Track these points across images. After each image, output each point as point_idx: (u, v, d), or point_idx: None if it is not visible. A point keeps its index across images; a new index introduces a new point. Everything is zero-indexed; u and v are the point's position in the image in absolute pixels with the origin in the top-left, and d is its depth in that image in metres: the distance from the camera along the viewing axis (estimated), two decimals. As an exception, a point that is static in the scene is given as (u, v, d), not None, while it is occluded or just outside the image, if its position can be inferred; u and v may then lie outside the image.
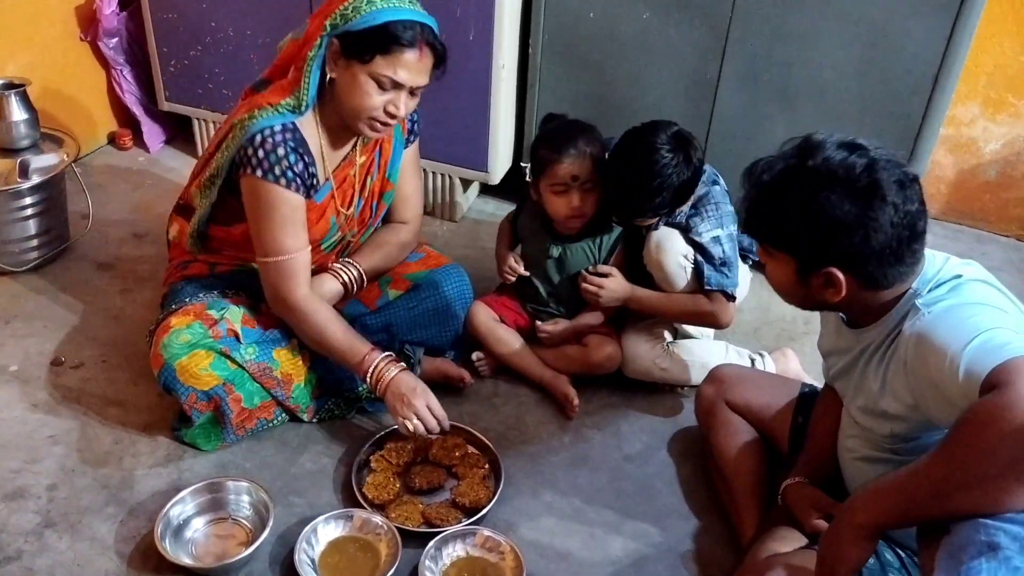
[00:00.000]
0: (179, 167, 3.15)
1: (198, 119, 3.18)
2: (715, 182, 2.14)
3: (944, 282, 1.39)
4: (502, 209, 2.37)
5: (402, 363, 1.96)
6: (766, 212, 1.43)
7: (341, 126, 1.93)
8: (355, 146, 2.01)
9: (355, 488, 1.90)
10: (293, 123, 1.86)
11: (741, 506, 1.84)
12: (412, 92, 1.84)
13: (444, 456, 2.00)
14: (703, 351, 2.24)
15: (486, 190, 3.12)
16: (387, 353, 1.95)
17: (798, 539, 1.65)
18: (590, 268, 2.18)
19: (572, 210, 2.11)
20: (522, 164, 2.18)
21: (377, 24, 1.74)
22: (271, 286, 1.94)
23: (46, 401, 2.13)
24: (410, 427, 1.91)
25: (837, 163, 1.35)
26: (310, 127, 1.91)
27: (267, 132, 1.83)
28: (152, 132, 3.29)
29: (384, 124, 1.85)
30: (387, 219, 2.20)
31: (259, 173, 1.83)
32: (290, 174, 1.84)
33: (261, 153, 1.82)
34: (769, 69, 2.40)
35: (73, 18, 3.04)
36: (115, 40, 3.09)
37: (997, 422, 1.13)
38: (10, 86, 2.53)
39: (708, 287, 2.08)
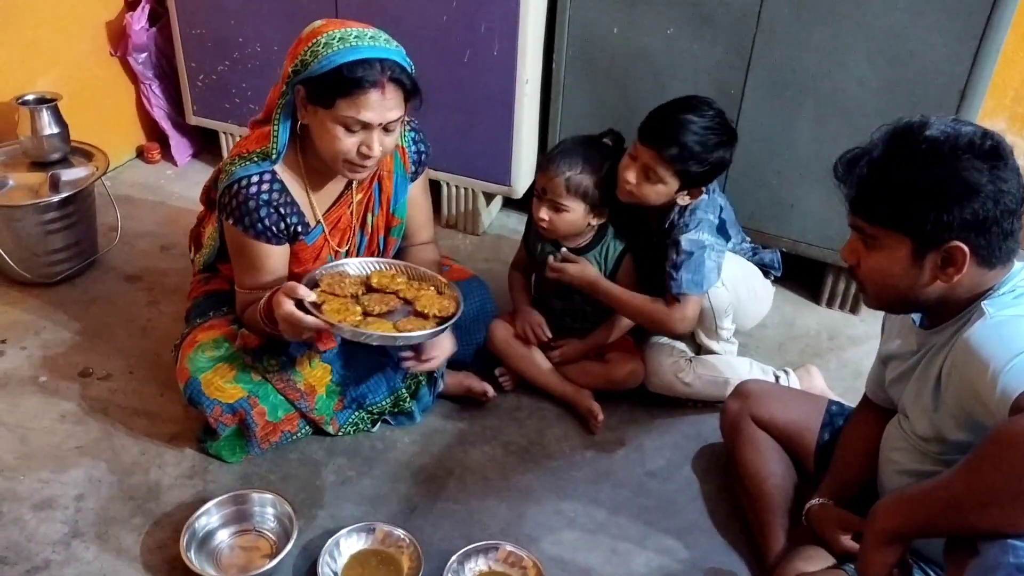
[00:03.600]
0: (205, 180, 3.18)
1: (225, 133, 3.22)
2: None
3: (1019, 289, 1.36)
4: (525, 224, 2.38)
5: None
6: (884, 189, 1.36)
7: (327, 169, 1.91)
8: (350, 185, 2.00)
9: (313, 313, 1.74)
10: (272, 171, 1.86)
11: (766, 524, 1.82)
12: (386, 128, 1.79)
13: (388, 283, 1.93)
14: (726, 367, 2.23)
15: (509, 204, 3.14)
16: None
17: (825, 558, 1.64)
18: (558, 254, 2.19)
19: (537, 219, 2.14)
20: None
21: (333, 68, 1.71)
22: (239, 313, 2.00)
23: (74, 412, 2.16)
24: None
25: (953, 131, 1.33)
26: (292, 173, 1.91)
27: (243, 183, 1.84)
28: (179, 146, 3.33)
29: (361, 165, 1.82)
30: (405, 241, 2.18)
31: (232, 221, 1.87)
32: (259, 227, 1.86)
33: (234, 203, 1.85)
34: (793, 85, 2.39)
35: (103, 34, 3.09)
36: (144, 55, 3.14)
37: (1019, 447, 1.12)
38: (42, 101, 2.58)
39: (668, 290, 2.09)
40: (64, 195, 2.50)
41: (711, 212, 2.10)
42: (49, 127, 2.57)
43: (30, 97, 2.59)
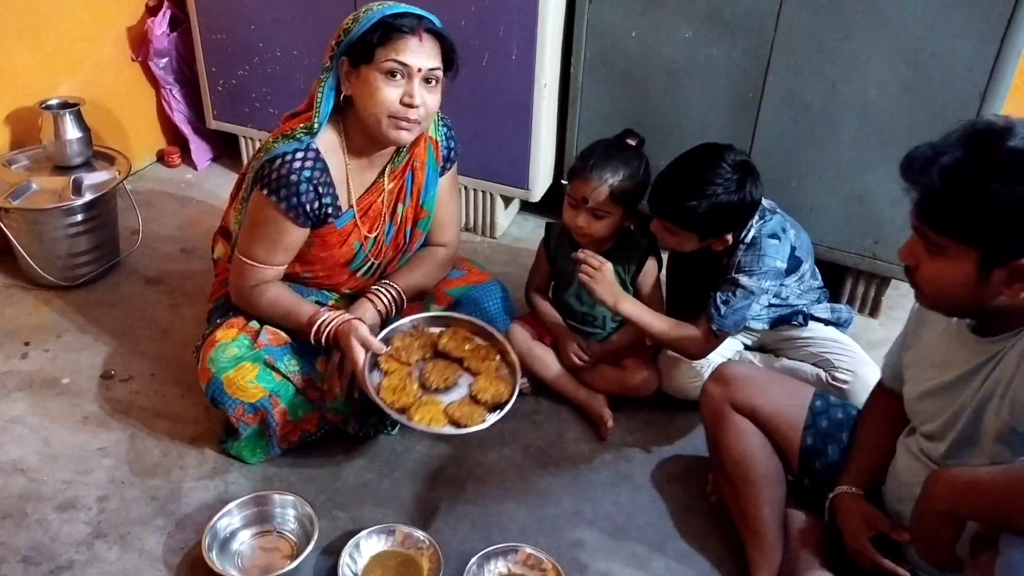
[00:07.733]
0: (226, 184, 3.20)
1: (245, 137, 3.24)
2: (774, 235, 2.04)
3: None
4: (543, 227, 2.38)
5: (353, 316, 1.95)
6: (957, 201, 1.27)
7: (368, 149, 1.94)
8: (383, 172, 2.03)
9: (372, 393, 1.82)
10: (315, 149, 1.88)
11: (755, 518, 1.77)
12: (427, 82, 1.83)
13: (455, 348, 1.95)
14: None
15: (526, 207, 3.14)
16: (338, 312, 1.95)
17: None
18: (582, 253, 2.12)
19: (576, 227, 2.13)
20: (563, 181, 2.19)
21: (373, 23, 1.80)
22: (232, 277, 2.02)
23: (97, 414, 2.18)
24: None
25: None
26: (335, 152, 1.92)
27: (288, 157, 1.86)
28: (200, 150, 3.36)
29: (407, 120, 1.83)
30: (425, 242, 2.19)
31: (266, 192, 1.87)
32: (294, 201, 1.86)
33: (275, 175, 1.86)
34: (812, 88, 2.38)
35: (125, 39, 3.12)
36: (165, 60, 3.17)
37: None
38: (65, 105, 2.61)
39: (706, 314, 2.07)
40: (86, 199, 2.53)
41: (780, 257, 2.04)
42: (71, 131, 2.60)
43: (53, 102, 2.63)
